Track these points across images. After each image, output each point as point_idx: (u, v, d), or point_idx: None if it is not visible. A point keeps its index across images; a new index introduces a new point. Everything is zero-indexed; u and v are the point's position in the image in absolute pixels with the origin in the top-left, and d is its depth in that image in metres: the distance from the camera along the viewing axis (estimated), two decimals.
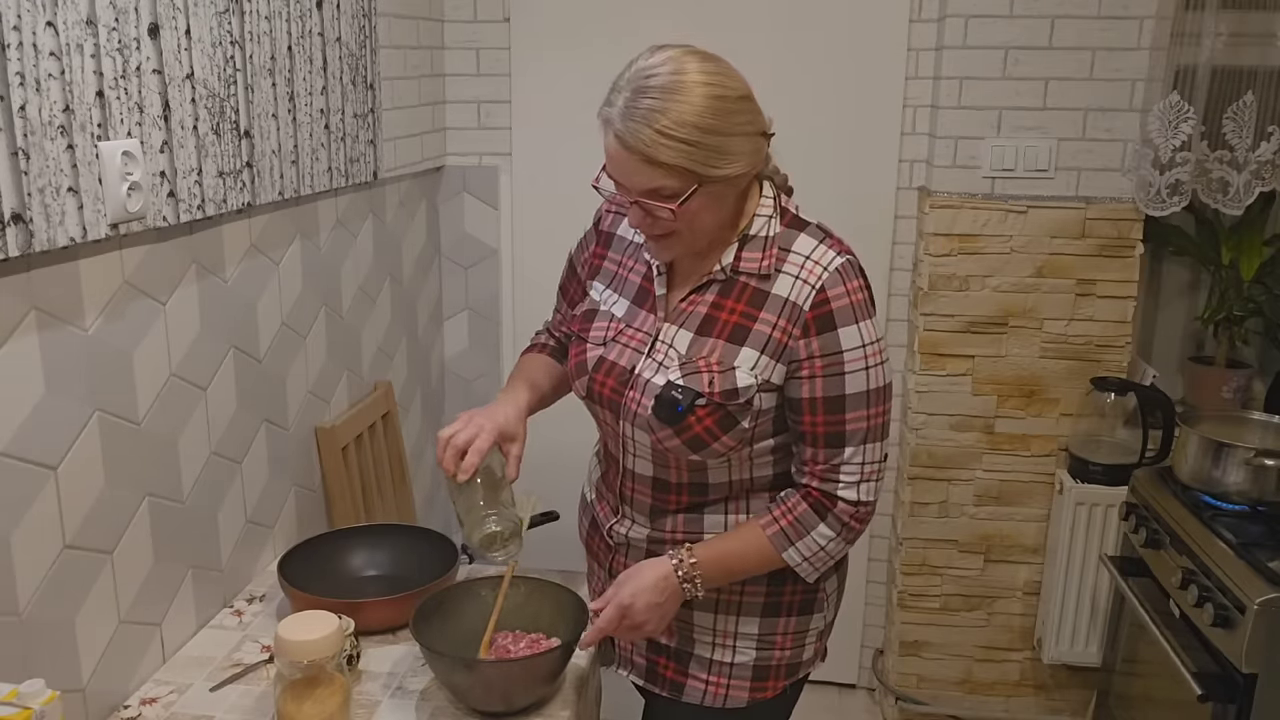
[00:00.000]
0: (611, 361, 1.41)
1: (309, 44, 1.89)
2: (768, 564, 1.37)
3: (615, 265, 1.49)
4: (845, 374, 1.30)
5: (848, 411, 1.31)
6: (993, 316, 2.52)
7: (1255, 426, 2.18)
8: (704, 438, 1.32)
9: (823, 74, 2.56)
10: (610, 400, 1.41)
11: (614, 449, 1.47)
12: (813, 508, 1.34)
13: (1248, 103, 2.28)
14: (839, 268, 1.31)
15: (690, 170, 1.21)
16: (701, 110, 1.20)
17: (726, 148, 1.23)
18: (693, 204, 1.24)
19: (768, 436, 1.36)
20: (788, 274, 1.32)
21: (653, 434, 1.35)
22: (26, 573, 1.24)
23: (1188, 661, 1.88)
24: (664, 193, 1.23)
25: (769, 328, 1.31)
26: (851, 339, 1.30)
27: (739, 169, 1.26)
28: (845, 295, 1.30)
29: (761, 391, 1.32)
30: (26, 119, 1.18)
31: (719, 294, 1.35)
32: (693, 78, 1.21)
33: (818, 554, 1.36)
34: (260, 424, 1.81)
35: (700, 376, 1.31)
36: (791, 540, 1.35)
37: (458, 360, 2.90)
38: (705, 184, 1.23)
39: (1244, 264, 2.47)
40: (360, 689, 1.46)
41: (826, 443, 1.33)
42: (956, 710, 2.74)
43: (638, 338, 1.40)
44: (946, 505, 2.63)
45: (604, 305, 1.46)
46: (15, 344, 1.21)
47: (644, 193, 1.25)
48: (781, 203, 1.37)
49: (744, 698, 1.47)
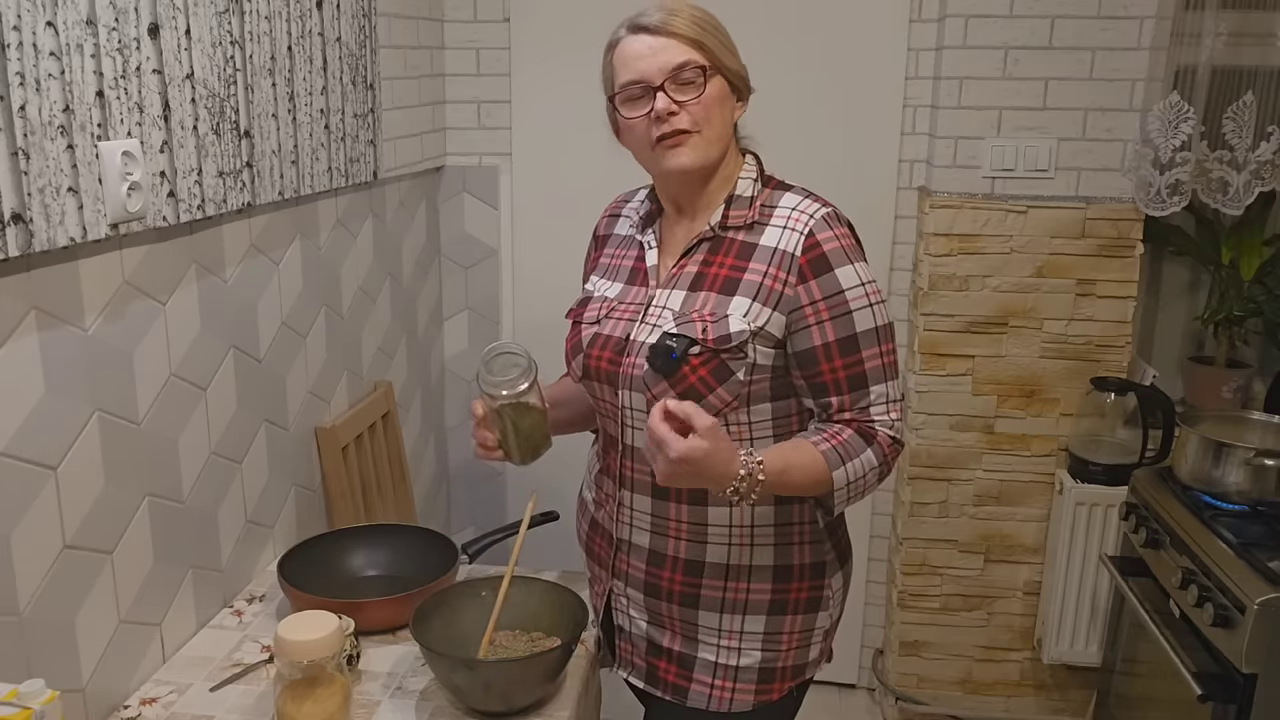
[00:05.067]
0: (606, 335, 1.43)
1: (309, 44, 1.89)
2: (817, 479, 1.31)
3: (609, 259, 1.53)
4: (852, 312, 1.32)
5: (863, 349, 1.33)
6: (993, 316, 2.52)
7: (1255, 426, 2.18)
8: (699, 388, 1.32)
9: (823, 74, 2.56)
10: (608, 373, 1.42)
11: (613, 429, 1.46)
12: (858, 433, 1.34)
13: (1248, 103, 2.28)
14: (824, 215, 1.36)
15: (707, 48, 1.34)
16: (703, 12, 1.37)
17: (728, 45, 1.38)
18: (712, 88, 1.34)
19: (765, 399, 1.37)
20: (775, 225, 1.37)
21: (648, 391, 1.36)
22: (26, 573, 1.24)
23: (1188, 661, 1.87)
24: (689, 68, 1.33)
25: (759, 276, 1.34)
26: (850, 278, 1.33)
27: (740, 68, 1.39)
28: (835, 239, 1.34)
29: (758, 343, 1.33)
30: (26, 119, 1.18)
31: (708, 252, 1.39)
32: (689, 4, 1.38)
33: (858, 480, 1.33)
34: (260, 424, 1.81)
35: (694, 325, 1.34)
36: (843, 460, 1.31)
37: (458, 360, 2.90)
38: (720, 70, 1.35)
39: (1244, 264, 2.47)
40: (360, 689, 1.46)
41: (851, 385, 1.33)
42: (957, 710, 2.74)
43: (630, 309, 1.43)
44: (946, 505, 2.63)
45: (597, 292, 1.50)
46: (15, 344, 1.21)
47: (673, 70, 1.32)
48: (765, 172, 1.44)
49: (749, 701, 1.46)
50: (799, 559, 1.44)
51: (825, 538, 1.46)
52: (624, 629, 1.53)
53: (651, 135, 1.35)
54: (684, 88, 1.33)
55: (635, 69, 1.34)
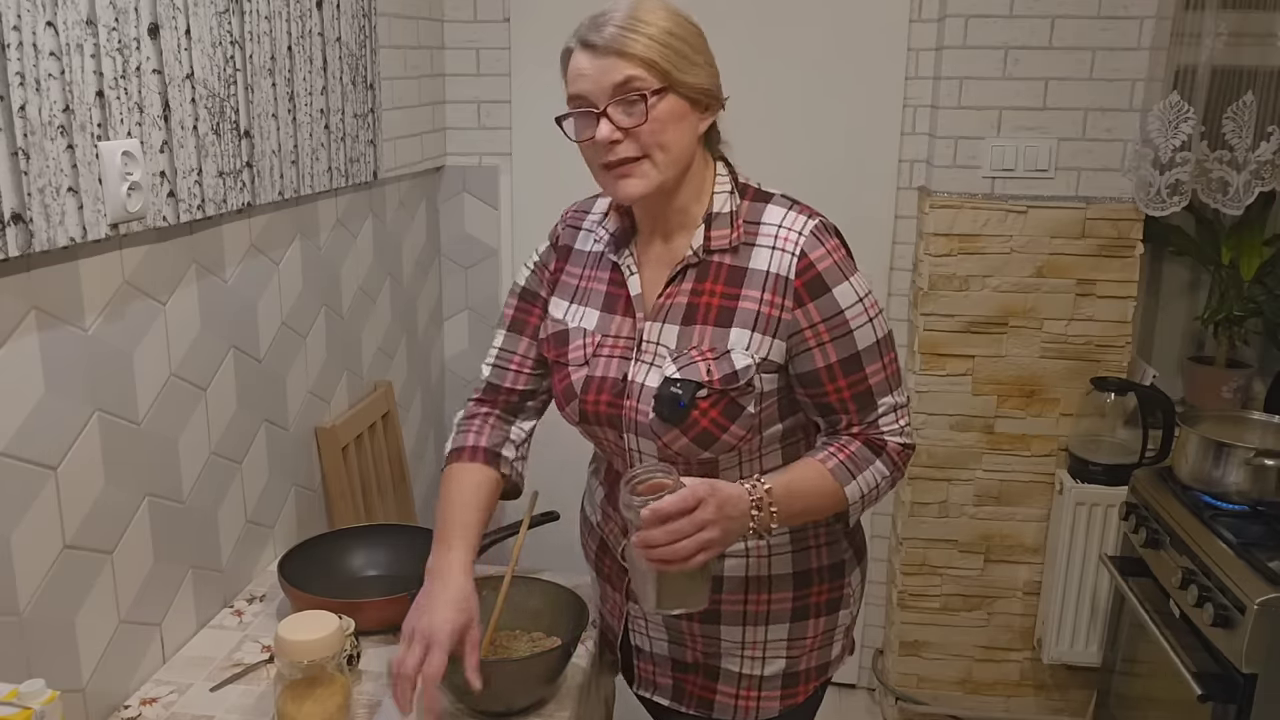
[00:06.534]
0: (600, 377, 1.35)
1: (309, 44, 1.89)
2: (829, 499, 1.30)
3: (575, 279, 1.44)
4: (852, 331, 1.29)
5: (867, 366, 1.30)
6: (993, 316, 2.52)
7: (1255, 426, 2.18)
8: (712, 431, 1.28)
9: (823, 74, 2.55)
10: (608, 416, 1.35)
11: (620, 467, 1.41)
12: (866, 445, 1.32)
13: (1248, 103, 2.28)
14: (813, 230, 1.29)
15: (660, 66, 1.22)
16: (665, 19, 1.25)
17: (691, 57, 1.25)
18: (662, 109, 1.23)
19: (775, 422, 1.34)
20: (763, 246, 1.30)
21: (658, 439, 1.30)
22: (26, 573, 1.24)
23: (1188, 661, 1.87)
24: (634, 87, 1.22)
25: (754, 304, 1.29)
26: (847, 295, 1.28)
27: (703, 82, 1.27)
28: (827, 255, 1.29)
29: (762, 372, 1.29)
30: (26, 119, 1.18)
31: (695, 279, 1.32)
32: (651, 4, 1.27)
33: (871, 491, 1.32)
34: (260, 424, 1.81)
35: (696, 366, 1.27)
36: (853, 474, 1.30)
37: (457, 360, 2.90)
38: (673, 88, 1.24)
39: (1244, 264, 2.47)
40: (360, 689, 1.46)
41: (858, 405, 1.31)
42: (957, 710, 2.74)
43: (620, 345, 1.35)
44: (946, 505, 2.63)
45: (572, 323, 1.40)
46: (15, 344, 1.21)
47: (615, 90, 1.23)
48: (740, 179, 1.36)
49: (775, 708, 1.44)
50: (817, 562, 1.41)
51: (841, 537, 1.44)
52: (643, 649, 1.50)
53: (598, 160, 1.28)
54: (629, 112, 1.23)
55: (578, 86, 1.26)
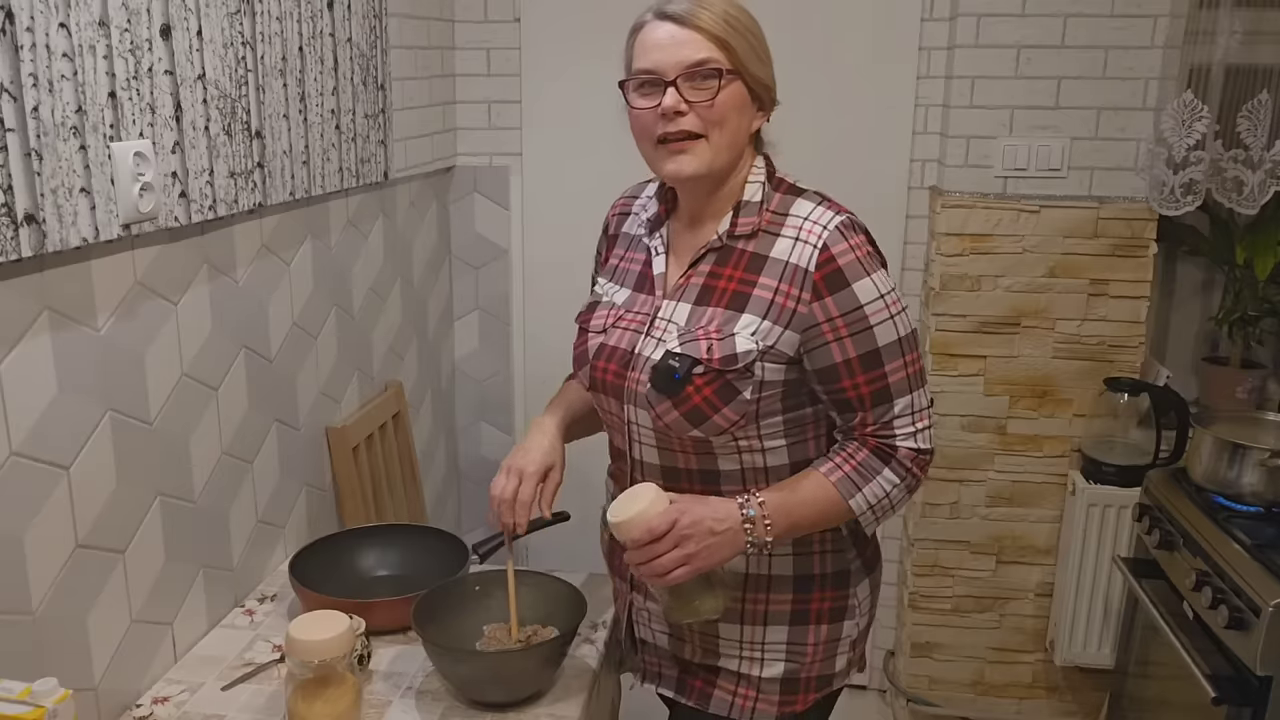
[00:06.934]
0: (612, 346, 1.39)
1: (320, 45, 1.89)
2: (833, 512, 1.31)
3: (618, 260, 1.49)
4: (873, 327, 1.27)
5: (886, 364, 1.28)
6: (1005, 317, 2.51)
7: (1270, 427, 2.16)
8: (704, 409, 1.29)
9: (834, 73, 2.55)
10: (613, 385, 1.38)
11: (621, 443, 1.44)
12: (874, 453, 1.31)
13: (1263, 101, 2.26)
14: (839, 226, 1.29)
15: (735, 51, 1.27)
16: (739, 10, 1.30)
17: (759, 51, 1.31)
18: (729, 92, 1.27)
19: (774, 414, 1.33)
20: (786, 236, 1.30)
21: (652, 409, 1.32)
22: (39, 572, 1.25)
23: (1202, 664, 1.86)
24: (706, 68, 1.26)
25: (769, 292, 1.29)
26: (868, 292, 1.27)
27: (766, 77, 1.32)
28: (850, 250, 1.27)
29: (766, 361, 1.28)
30: (39, 120, 1.18)
31: (716, 263, 1.33)
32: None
33: (881, 501, 1.32)
34: (271, 424, 1.81)
35: (698, 344, 1.29)
36: (858, 486, 1.30)
37: (468, 360, 2.90)
38: (742, 74, 1.28)
39: (1259, 264, 2.45)
40: (371, 689, 1.46)
41: (874, 401, 1.30)
42: (968, 712, 2.73)
43: (636, 319, 1.38)
44: (958, 506, 2.62)
45: (605, 296, 1.46)
46: (28, 344, 1.21)
47: (688, 68, 1.26)
48: (777, 174, 1.38)
49: (772, 712, 1.43)
50: (819, 569, 1.41)
51: (849, 546, 1.43)
52: (647, 641, 1.51)
53: (655, 131, 1.29)
54: (698, 87, 1.26)
55: (651, 58, 1.28)
